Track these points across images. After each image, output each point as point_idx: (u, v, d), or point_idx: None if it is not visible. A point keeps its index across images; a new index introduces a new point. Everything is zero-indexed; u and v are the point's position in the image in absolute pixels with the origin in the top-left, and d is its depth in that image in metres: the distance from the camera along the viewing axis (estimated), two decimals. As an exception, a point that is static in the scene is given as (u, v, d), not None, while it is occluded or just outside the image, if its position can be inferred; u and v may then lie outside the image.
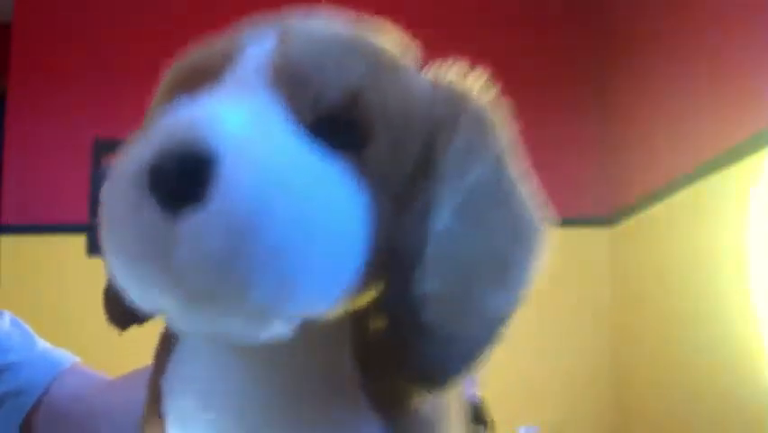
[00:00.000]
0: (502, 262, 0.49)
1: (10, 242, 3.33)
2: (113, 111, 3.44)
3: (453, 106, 0.50)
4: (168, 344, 0.54)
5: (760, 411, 2.20)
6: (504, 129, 0.55)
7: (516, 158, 0.56)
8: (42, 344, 0.91)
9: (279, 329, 0.42)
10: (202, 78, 0.47)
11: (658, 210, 2.92)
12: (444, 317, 0.45)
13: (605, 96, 3.50)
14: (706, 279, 2.53)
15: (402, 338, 0.44)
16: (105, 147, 3.38)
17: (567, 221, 3.73)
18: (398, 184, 0.46)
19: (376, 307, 0.46)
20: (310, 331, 0.43)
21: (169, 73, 0.53)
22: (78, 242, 3.31)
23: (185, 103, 0.44)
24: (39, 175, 3.40)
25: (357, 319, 0.48)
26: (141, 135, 0.43)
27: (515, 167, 0.55)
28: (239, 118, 0.41)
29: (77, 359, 0.91)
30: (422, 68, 0.54)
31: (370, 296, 0.46)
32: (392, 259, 0.44)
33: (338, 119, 0.44)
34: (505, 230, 0.49)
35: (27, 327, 0.94)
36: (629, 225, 3.22)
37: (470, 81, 0.54)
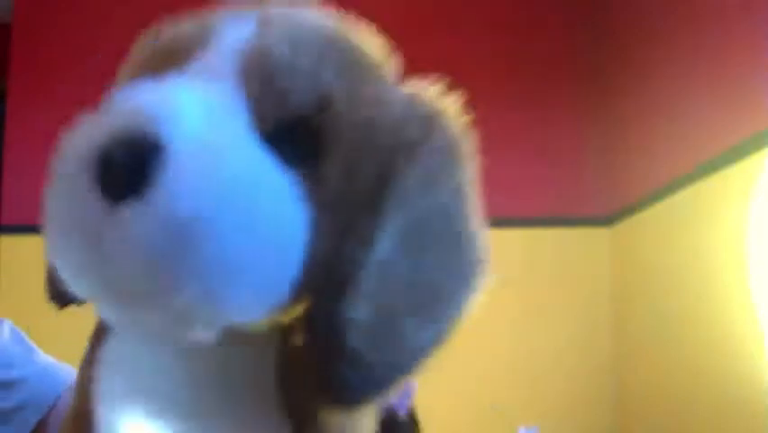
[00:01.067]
0: (436, 298, 0.48)
1: (10, 242, 3.33)
2: (113, 111, 3.44)
3: (424, 129, 0.47)
4: (100, 331, 0.54)
5: (760, 411, 2.20)
6: (468, 161, 0.53)
7: (474, 193, 0.54)
8: (43, 357, 0.91)
9: (203, 334, 0.41)
10: (171, 58, 0.46)
11: (658, 210, 2.92)
12: (368, 345, 0.44)
13: (605, 96, 3.49)
14: (706, 279, 2.53)
15: (323, 358, 0.43)
16: (105, 147, 3.38)
17: (567, 221, 3.74)
18: (347, 205, 0.44)
19: (301, 323, 0.45)
20: (236, 337, 0.43)
21: (138, 50, 0.52)
22: (78, 242, 3.30)
23: (147, 84, 0.42)
24: (39, 175, 3.39)
25: (283, 332, 0.47)
26: (96, 115, 0.42)
27: (470, 203, 0.53)
28: (197, 110, 0.40)
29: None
30: (400, 79, 0.51)
31: (298, 311, 0.45)
32: (326, 280, 0.43)
33: (299, 127, 0.43)
34: (445, 267, 0.49)
35: (26, 337, 0.94)
36: (629, 225, 3.21)
37: (446, 104, 0.52)
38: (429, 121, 0.48)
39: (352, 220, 0.44)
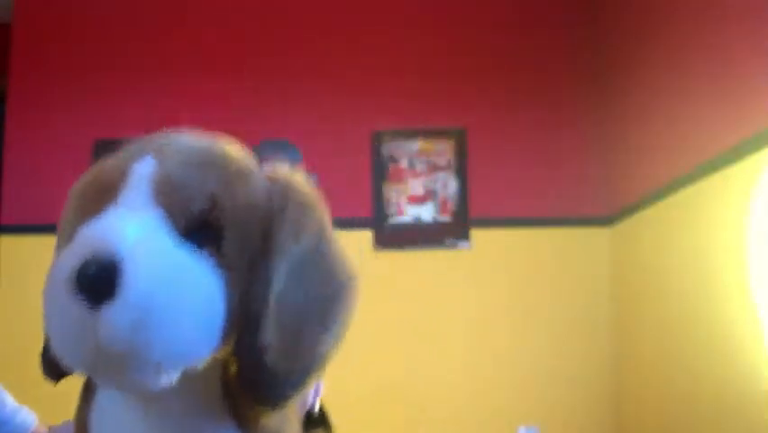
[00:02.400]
0: (322, 312, 0.67)
1: (10, 242, 3.33)
2: (113, 111, 3.44)
3: (283, 198, 0.69)
4: (88, 392, 0.75)
5: (760, 411, 2.20)
6: (321, 209, 0.72)
7: (330, 230, 0.72)
8: (10, 400, 1.02)
9: (167, 379, 0.61)
10: (103, 194, 0.66)
11: (658, 210, 2.92)
12: (281, 359, 0.64)
13: (605, 96, 3.50)
14: (706, 279, 2.53)
15: (250, 376, 0.64)
16: (105, 147, 3.38)
17: (567, 221, 3.74)
18: (248, 263, 0.65)
19: (232, 354, 0.66)
20: (190, 377, 0.63)
21: (78, 187, 0.73)
22: (78, 242, 3.30)
23: (95, 219, 0.62)
24: (39, 175, 3.40)
25: (224, 364, 0.68)
26: (68, 247, 0.61)
27: (330, 237, 0.72)
28: (133, 231, 0.60)
29: (36, 420, 1.05)
30: (259, 166, 0.72)
31: (230, 346, 0.66)
32: (244, 319, 0.64)
33: (201, 222, 0.63)
34: (323, 288, 0.68)
35: None
36: (629, 225, 3.22)
37: (296, 175, 0.72)
38: (285, 191, 0.69)
39: (251, 274, 0.65)
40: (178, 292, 0.59)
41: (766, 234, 2.19)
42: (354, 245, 3.38)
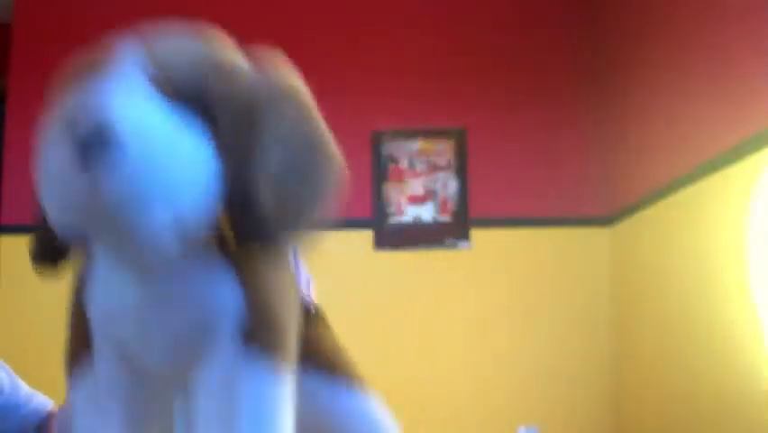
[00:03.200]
0: (307, 174, 0.72)
1: (10, 242, 3.33)
2: (113, 111, 3.44)
3: (270, 87, 0.72)
4: (80, 280, 0.76)
5: (760, 411, 2.20)
6: (306, 96, 0.78)
7: (316, 117, 0.79)
8: (24, 386, 0.99)
9: (170, 250, 0.62)
10: (96, 67, 0.66)
11: (658, 210, 2.92)
12: (275, 204, 0.68)
13: (605, 96, 3.50)
14: (706, 279, 2.53)
15: (248, 221, 0.66)
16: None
17: (567, 221, 3.73)
18: (237, 141, 0.67)
19: (231, 211, 0.68)
20: (191, 249, 0.66)
21: (70, 67, 0.72)
22: (78, 242, 3.30)
23: (95, 84, 0.63)
24: (39, 175, 3.40)
25: (219, 236, 0.71)
26: (59, 112, 0.62)
27: (315, 123, 0.77)
28: (124, 94, 0.61)
29: (52, 403, 1.02)
30: (246, 56, 0.74)
31: (223, 215, 0.68)
32: (237, 187, 0.67)
33: (195, 101, 0.65)
34: (314, 156, 0.74)
35: (8, 368, 1.00)
36: (629, 225, 3.22)
37: (280, 64, 0.77)
38: (273, 77, 0.74)
39: (241, 151, 0.68)
40: (175, 154, 0.60)
41: (766, 234, 2.18)
42: (354, 245, 3.40)
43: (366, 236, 3.40)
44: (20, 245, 3.36)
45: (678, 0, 2.80)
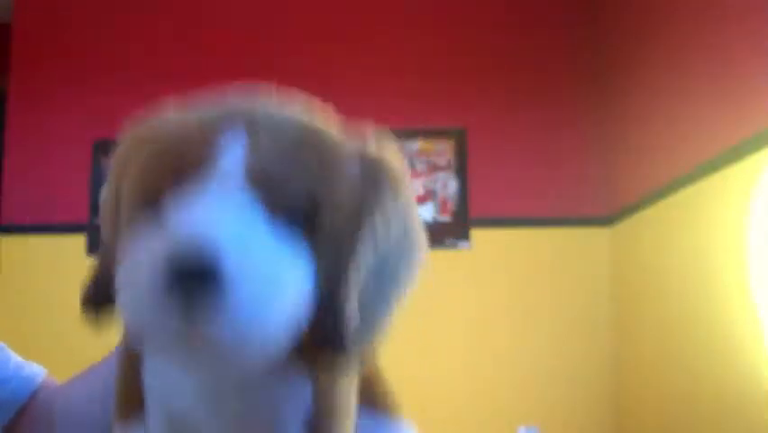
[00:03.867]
0: (396, 289, 0.68)
1: (10, 242, 3.33)
2: (113, 111, 3.44)
3: (375, 180, 0.65)
4: (132, 359, 0.71)
5: (760, 411, 2.20)
6: (408, 190, 0.70)
7: (414, 208, 0.72)
8: (14, 357, 0.94)
9: (257, 369, 0.58)
10: (180, 169, 0.58)
11: (658, 210, 2.92)
12: (355, 324, 0.62)
13: (605, 96, 3.50)
14: (706, 279, 2.53)
15: (330, 336, 0.62)
16: (105, 147, 3.38)
17: (567, 221, 3.73)
18: (340, 247, 0.62)
19: (314, 328, 0.62)
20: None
21: (136, 154, 0.63)
22: (78, 242, 3.31)
23: (179, 203, 0.56)
24: (39, 175, 3.40)
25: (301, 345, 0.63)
26: (152, 234, 0.55)
27: (413, 218, 0.71)
28: (232, 222, 0.55)
29: (45, 372, 0.97)
30: (348, 136, 0.68)
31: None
32: (327, 297, 0.61)
33: (300, 214, 0.59)
34: (404, 265, 0.69)
35: None
36: (629, 225, 3.22)
37: (384, 147, 0.69)
38: (377, 172, 0.66)
39: (342, 265, 0.62)
40: (280, 297, 0.55)
41: (766, 234, 2.18)
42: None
43: (366, 236, 3.40)
44: (20, 245, 3.36)
45: (678, 0, 2.80)
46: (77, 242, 3.31)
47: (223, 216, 0.55)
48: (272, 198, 0.57)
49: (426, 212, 3.42)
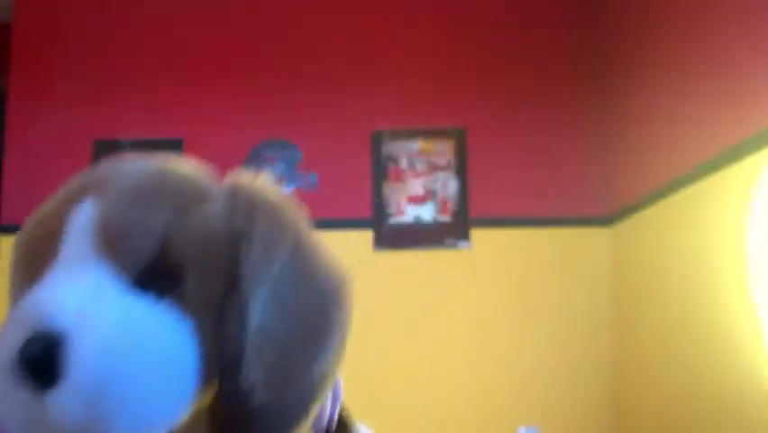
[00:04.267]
0: (311, 332, 0.59)
1: (10, 242, 3.33)
2: (113, 111, 3.44)
3: (248, 215, 0.59)
4: None
5: (760, 411, 2.20)
6: (293, 217, 0.62)
7: (307, 237, 0.63)
8: None
9: None
10: (44, 248, 0.57)
11: (658, 210, 2.92)
12: (270, 394, 0.55)
13: (605, 96, 3.50)
14: (706, 279, 2.53)
15: (239, 420, 0.55)
16: (105, 147, 3.39)
17: (567, 221, 3.74)
18: (215, 301, 0.56)
19: (216, 399, 0.57)
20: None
21: (21, 238, 0.62)
22: (78, 242, 3.30)
23: (33, 286, 0.55)
24: (39, 175, 3.40)
25: (209, 409, 0.59)
26: (7, 323, 0.53)
27: (306, 246, 0.62)
28: (76, 297, 0.52)
29: None
30: (215, 181, 0.63)
31: (211, 392, 0.57)
32: (222, 361, 0.55)
33: (155, 267, 0.54)
34: (310, 308, 0.59)
35: None
36: (629, 225, 3.22)
37: (260, 183, 0.63)
38: (249, 206, 0.60)
39: (223, 310, 0.56)
40: (136, 359, 0.51)
41: (766, 234, 2.18)
42: (354, 245, 3.40)
43: (366, 236, 3.40)
44: (20, 245, 3.36)
45: (678, 0, 2.80)
46: (77, 242, 3.30)
47: (65, 290, 0.53)
48: (124, 253, 0.54)
49: (426, 212, 3.42)
